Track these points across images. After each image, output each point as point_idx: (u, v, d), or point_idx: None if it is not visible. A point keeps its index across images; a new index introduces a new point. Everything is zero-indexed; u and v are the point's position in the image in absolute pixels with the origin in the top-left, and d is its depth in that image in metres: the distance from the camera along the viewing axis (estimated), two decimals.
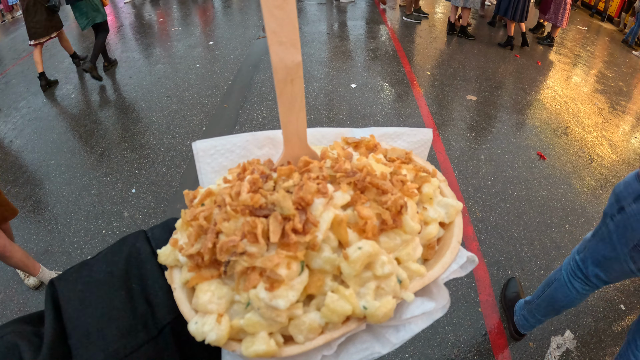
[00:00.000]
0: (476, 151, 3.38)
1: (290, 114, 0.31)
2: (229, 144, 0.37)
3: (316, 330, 0.26)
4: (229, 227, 0.26)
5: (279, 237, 0.25)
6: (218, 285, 0.27)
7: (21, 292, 2.26)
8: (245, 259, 0.25)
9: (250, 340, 0.26)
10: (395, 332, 0.29)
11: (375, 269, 0.27)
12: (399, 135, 0.40)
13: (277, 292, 0.25)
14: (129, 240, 0.35)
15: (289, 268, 0.25)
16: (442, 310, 0.29)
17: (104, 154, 3.38)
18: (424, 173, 0.34)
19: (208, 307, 0.26)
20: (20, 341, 0.31)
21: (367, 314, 0.26)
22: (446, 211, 0.33)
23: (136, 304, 0.31)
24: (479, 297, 2.18)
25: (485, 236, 2.56)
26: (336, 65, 4.90)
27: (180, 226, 0.31)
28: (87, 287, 0.32)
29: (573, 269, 1.62)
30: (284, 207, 0.26)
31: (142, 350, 0.29)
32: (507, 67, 5.03)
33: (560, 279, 1.68)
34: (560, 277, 1.68)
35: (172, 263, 0.30)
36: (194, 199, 0.31)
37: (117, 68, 5.05)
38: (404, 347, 1.94)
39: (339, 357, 0.28)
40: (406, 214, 0.28)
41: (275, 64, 0.29)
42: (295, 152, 0.33)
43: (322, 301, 0.26)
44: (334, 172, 0.30)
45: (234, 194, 0.28)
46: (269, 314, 0.25)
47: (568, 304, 1.68)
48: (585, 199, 2.91)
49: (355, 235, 0.27)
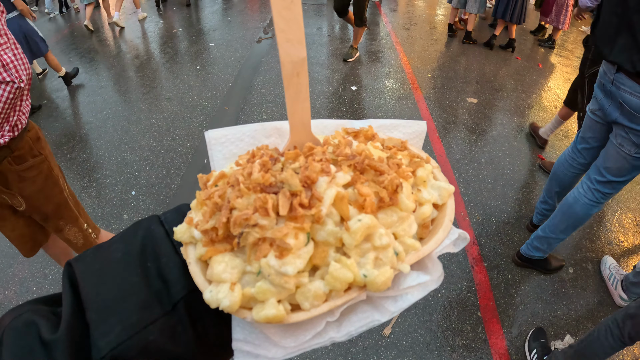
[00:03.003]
0: (477, 154, 3.40)
1: (296, 104, 0.34)
2: (239, 133, 0.41)
3: (321, 297, 0.29)
4: (242, 203, 0.29)
5: (287, 210, 0.28)
6: (231, 257, 0.30)
7: (20, 293, 2.28)
8: (257, 231, 0.28)
9: (260, 306, 0.28)
10: (394, 302, 0.31)
11: (374, 240, 0.29)
12: (395, 127, 0.43)
13: (286, 259, 0.27)
14: (144, 224, 0.37)
15: (297, 238, 0.28)
16: (436, 282, 0.32)
17: (104, 155, 3.41)
18: (418, 159, 0.37)
19: (222, 276, 0.29)
20: (38, 318, 0.32)
21: (367, 282, 0.29)
22: (439, 193, 0.36)
23: (151, 281, 0.33)
24: (479, 302, 2.20)
25: (485, 240, 2.58)
26: (337, 67, 4.93)
27: (194, 206, 0.34)
28: (104, 265, 0.34)
29: (572, 143, 2.27)
30: (291, 184, 0.29)
31: (157, 323, 0.31)
32: (508, 69, 5.07)
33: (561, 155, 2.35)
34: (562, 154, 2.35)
35: (187, 240, 0.33)
36: (208, 181, 0.34)
37: (117, 69, 5.08)
38: (403, 351, 1.95)
39: (342, 325, 0.31)
40: (402, 193, 0.31)
41: (283, 59, 0.32)
42: (301, 139, 0.36)
43: (326, 272, 0.29)
44: (335, 156, 0.33)
45: (246, 174, 0.31)
46: (278, 280, 0.27)
47: (558, 166, 2.31)
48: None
49: (355, 211, 0.30)
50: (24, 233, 1.69)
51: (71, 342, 0.30)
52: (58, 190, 1.63)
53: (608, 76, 1.79)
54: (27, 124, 1.50)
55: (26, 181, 1.50)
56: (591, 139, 2.09)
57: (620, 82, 1.71)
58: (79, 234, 1.75)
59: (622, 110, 1.74)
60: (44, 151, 1.57)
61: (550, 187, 2.39)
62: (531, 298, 2.23)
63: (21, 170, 1.48)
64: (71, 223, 1.70)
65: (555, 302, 2.22)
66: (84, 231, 1.76)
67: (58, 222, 1.67)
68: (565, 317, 2.14)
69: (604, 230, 2.67)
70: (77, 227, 1.73)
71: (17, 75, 1.28)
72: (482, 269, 2.39)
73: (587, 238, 2.61)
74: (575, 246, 2.55)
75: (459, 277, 2.33)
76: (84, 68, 5.24)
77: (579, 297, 2.25)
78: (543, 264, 2.32)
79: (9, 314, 0.34)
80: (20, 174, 1.48)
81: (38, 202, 1.57)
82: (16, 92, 1.29)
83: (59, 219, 1.67)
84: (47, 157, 1.58)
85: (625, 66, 1.65)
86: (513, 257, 2.42)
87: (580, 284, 2.32)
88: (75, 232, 1.73)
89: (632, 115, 1.69)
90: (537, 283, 2.31)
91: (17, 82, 1.27)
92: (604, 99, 1.86)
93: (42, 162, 1.55)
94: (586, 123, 2.09)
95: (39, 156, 1.53)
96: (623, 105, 1.72)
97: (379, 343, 1.99)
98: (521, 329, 2.07)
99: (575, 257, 2.47)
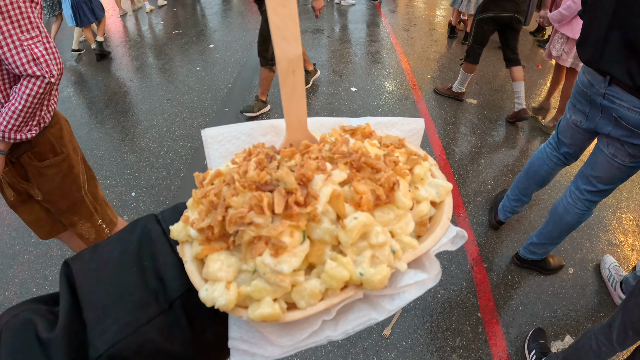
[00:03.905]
0: (476, 155, 3.40)
1: (292, 101, 0.34)
2: (236, 131, 0.41)
3: (317, 296, 0.29)
4: (237, 201, 0.29)
5: (282, 208, 0.28)
6: (227, 256, 0.30)
7: (20, 294, 2.28)
8: (252, 229, 0.28)
9: (256, 305, 0.28)
10: (391, 300, 0.31)
11: (370, 238, 0.29)
12: (393, 124, 0.43)
13: (281, 258, 0.27)
14: (141, 222, 0.37)
15: (292, 236, 0.28)
16: (434, 280, 0.32)
17: (104, 157, 3.41)
18: (415, 156, 0.36)
19: (218, 275, 0.29)
20: (35, 317, 0.32)
21: (363, 280, 0.29)
22: (437, 191, 0.35)
23: (148, 280, 0.33)
24: (479, 302, 2.20)
25: (485, 240, 2.58)
26: (336, 68, 4.94)
27: (191, 205, 0.34)
28: (101, 265, 0.33)
29: (549, 139, 2.20)
30: (287, 182, 0.29)
31: (153, 322, 0.31)
32: (507, 70, 5.06)
33: (539, 147, 2.26)
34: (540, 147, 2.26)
35: (183, 238, 0.33)
36: (204, 180, 0.34)
37: (117, 70, 5.09)
38: (403, 352, 1.95)
39: (339, 324, 0.31)
40: (398, 191, 0.31)
41: (278, 56, 0.32)
42: (297, 137, 0.36)
43: (322, 270, 0.29)
44: (331, 154, 0.33)
45: (241, 172, 0.31)
46: (273, 278, 0.27)
47: (539, 166, 2.19)
48: None
49: (351, 209, 0.30)
50: (40, 217, 1.72)
51: (68, 341, 0.30)
52: (76, 188, 1.65)
53: (596, 88, 1.66)
54: (52, 119, 1.50)
55: (44, 177, 1.52)
56: (573, 145, 2.02)
57: (616, 97, 1.58)
58: (92, 230, 1.77)
59: (617, 125, 1.61)
60: (67, 149, 1.58)
61: (527, 186, 2.30)
62: (531, 298, 2.23)
63: (41, 167, 1.49)
64: (85, 219, 1.73)
65: (555, 302, 2.21)
66: (97, 227, 1.78)
67: (72, 217, 1.70)
68: (565, 318, 2.14)
69: (604, 231, 2.67)
70: (90, 223, 1.76)
71: (48, 70, 1.27)
72: (482, 270, 2.38)
73: (587, 238, 2.60)
74: (575, 246, 2.54)
75: (459, 277, 2.33)
76: (83, 69, 5.25)
77: (579, 297, 2.25)
78: (543, 264, 2.31)
79: (6, 313, 0.34)
80: (40, 170, 1.50)
81: (55, 198, 1.59)
82: (46, 87, 1.28)
83: (74, 214, 1.69)
84: (69, 155, 1.59)
85: (623, 79, 1.51)
86: (512, 258, 2.42)
87: (580, 284, 2.32)
88: (88, 228, 1.76)
89: (631, 131, 1.57)
90: (537, 283, 2.31)
91: (48, 77, 1.27)
92: (590, 111, 1.75)
93: (62, 161, 1.56)
94: (567, 130, 1.98)
95: (60, 154, 1.54)
96: (619, 120, 1.59)
97: (378, 344, 1.99)
98: (521, 329, 2.07)
99: (575, 257, 2.47)
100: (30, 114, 1.30)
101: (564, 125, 2.01)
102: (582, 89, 1.76)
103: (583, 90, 1.75)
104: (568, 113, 1.94)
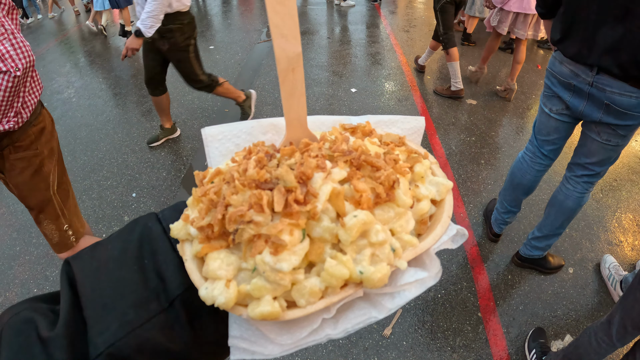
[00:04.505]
0: (476, 155, 3.40)
1: (292, 100, 0.34)
2: (236, 129, 0.41)
3: (317, 294, 0.28)
4: (237, 200, 0.29)
5: (282, 207, 0.28)
6: (227, 254, 0.30)
7: (21, 295, 2.28)
8: (252, 227, 0.28)
9: (255, 303, 0.28)
10: (391, 299, 0.31)
11: (370, 236, 0.29)
12: (393, 123, 0.43)
13: (281, 256, 0.27)
14: (141, 221, 0.37)
15: (292, 235, 0.28)
16: (434, 278, 0.32)
17: (104, 158, 3.41)
18: (415, 154, 0.36)
19: (217, 273, 0.29)
20: (36, 316, 0.32)
21: (363, 279, 0.28)
22: (437, 189, 0.35)
23: (148, 278, 0.33)
24: (479, 302, 2.20)
25: (485, 240, 2.58)
26: (336, 69, 4.94)
27: (191, 203, 0.34)
28: (102, 263, 0.34)
29: (526, 147, 2.19)
30: (287, 180, 0.29)
31: (153, 321, 0.31)
32: (507, 70, 5.07)
33: (517, 157, 2.26)
34: (517, 157, 2.26)
35: (183, 237, 0.32)
36: (204, 178, 0.34)
37: (117, 70, 5.09)
38: (403, 351, 1.95)
39: (338, 322, 0.31)
40: (398, 189, 0.31)
41: (278, 54, 0.32)
42: (297, 135, 0.36)
43: (321, 268, 0.29)
44: (331, 152, 0.33)
45: (241, 170, 0.31)
46: (273, 277, 0.27)
47: (522, 176, 2.18)
48: (585, 203, 2.94)
49: (351, 207, 0.30)
50: None
51: (69, 340, 0.30)
52: (44, 187, 1.70)
53: (582, 77, 1.69)
54: (34, 119, 1.58)
55: (14, 170, 1.59)
56: (558, 139, 2.01)
57: (604, 84, 1.62)
58: (55, 232, 1.80)
59: (609, 110, 1.66)
60: (43, 147, 1.64)
61: (515, 197, 2.30)
62: (531, 298, 2.23)
63: (14, 160, 1.57)
64: (50, 220, 1.77)
65: (555, 302, 2.21)
66: (61, 231, 1.81)
67: (38, 214, 1.75)
68: (565, 317, 2.13)
69: (604, 230, 2.67)
70: (55, 225, 1.79)
71: (14, 65, 1.35)
72: (482, 270, 2.38)
73: (587, 238, 2.60)
74: (575, 246, 2.54)
75: (459, 277, 2.33)
76: (84, 71, 5.25)
77: (579, 297, 2.24)
78: (543, 263, 2.31)
79: (7, 311, 0.34)
80: (12, 162, 1.58)
81: (23, 193, 1.67)
82: (14, 81, 1.36)
83: (40, 212, 1.74)
84: (42, 153, 1.65)
85: (614, 71, 1.56)
86: (513, 257, 2.42)
87: (580, 284, 2.32)
88: (52, 230, 1.79)
89: (623, 113, 1.63)
90: (537, 283, 2.31)
91: (14, 71, 1.35)
92: (574, 100, 1.78)
93: (34, 156, 1.62)
94: (549, 125, 1.98)
95: (33, 150, 1.61)
96: (610, 106, 1.64)
97: (379, 344, 1.99)
98: (521, 329, 2.07)
99: (575, 257, 2.47)
100: (5, 105, 1.39)
101: (543, 122, 2.01)
102: (563, 79, 1.78)
103: (564, 80, 1.78)
104: (545, 106, 1.96)
